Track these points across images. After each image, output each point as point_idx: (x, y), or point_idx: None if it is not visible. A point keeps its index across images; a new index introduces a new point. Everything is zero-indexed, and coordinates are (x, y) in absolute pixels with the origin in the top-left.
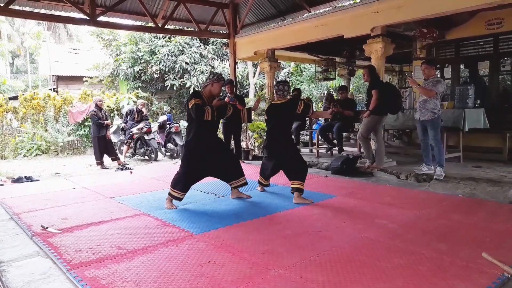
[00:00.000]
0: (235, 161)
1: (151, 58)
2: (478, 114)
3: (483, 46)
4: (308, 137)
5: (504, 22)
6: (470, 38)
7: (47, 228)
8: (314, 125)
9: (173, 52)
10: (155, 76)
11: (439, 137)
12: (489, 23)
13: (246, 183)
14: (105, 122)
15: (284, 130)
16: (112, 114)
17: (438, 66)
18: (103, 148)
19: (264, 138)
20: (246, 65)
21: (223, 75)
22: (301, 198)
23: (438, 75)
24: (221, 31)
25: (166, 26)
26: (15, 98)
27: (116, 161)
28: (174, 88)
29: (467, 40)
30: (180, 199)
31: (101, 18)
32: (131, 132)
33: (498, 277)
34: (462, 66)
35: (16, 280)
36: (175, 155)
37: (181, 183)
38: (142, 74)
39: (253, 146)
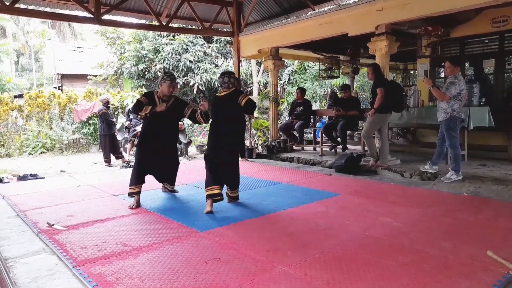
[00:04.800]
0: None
1: (155, 56)
2: (483, 113)
3: (489, 44)
4: (312, 135)
5: (510, 19)
6: (475, 36)
7: (53, 225)
8: (318, 123)
9: (177, 50)
10: (159, 74)
11: (454, 141)
12: (494, 20)
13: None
14: (114, 120)
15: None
16: (116, 112)
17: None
18: (112, 146)
19: (268, 136)
20: (250, 63)
21: (172, 75)
22: None
23: (459, 74)
24: (225, 29)
25: (170, 25)
26: (20, 96)
27: (120, 159)
28: (178, 86)
29: (472, 38)
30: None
31: (106, 17)
32: (135, 130)
33: (503, 276)
34: (467, 64)
35: (23, 277)
36: (179, 153)
37: None
38: (146, 72)
39: (257, 144)
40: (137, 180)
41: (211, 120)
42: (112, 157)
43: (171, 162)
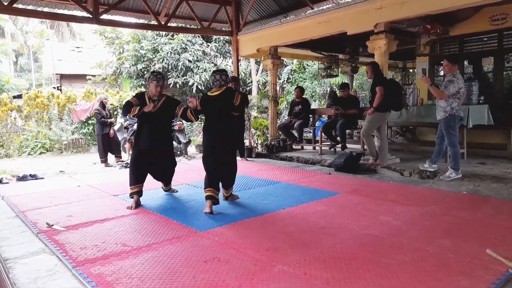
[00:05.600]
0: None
1: (154, 56)
2: (482, 111)
3: (487, 42)
4: (311, 134)
5: (509, 17)
6: (474, 34)
7: (52, 225)
8: (317, 122)
9: (175, 50)
10: None
11: (453, 139)
12: (493, 18)
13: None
14: (109, 120)
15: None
16: (115, 112)
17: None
18: (107, 146)
19: (267, 135)
20: (249, 62)
21: (159, 74)
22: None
23: (458, 72)
24: (223, 29)
25: (168, 24)
26: (19, 96)
27: (116, 158)
28: (177, 86)
29: (471, 36)
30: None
31: (104, 16)
32: (134, 130)
33: (503, 274)
34: (466, 62)
35: (23, 277)
36: (178, 152)
37: None
38: (145, 72)
39: (256, 144)
40: (135, 180)
41: (205, 120)
42: (113, 156)
43: (166, 161)
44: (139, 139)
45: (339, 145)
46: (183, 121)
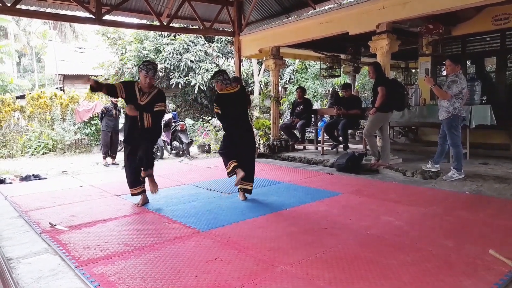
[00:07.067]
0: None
1: (156, 56)
2: (485, 111)
3: (490, 42)
4: (314, 134)
5: None
6: (476, 34)
7: (55, 225)
8: (319, 123)
9: (178, 50)
10: (160, 74)
11: (456, 140)
12: (496, 18)
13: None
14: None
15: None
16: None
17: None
18: (108, 143)
19: (269, 135)
20: (251, 62)
21: (150, 64)
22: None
23: (460, 72)
24: (225, 29)
25: (171, 24)
26: (22, 97)
27: (111, 158)
28: (179, 86)
29: (473, 36)
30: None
31: (107, 17)
32: None
33: (506, 274)
34: (468, 62)
35: (26, 277)
36: (180, 153)
37: None
38: None
39: (258, 144)
40: (131, 183)
41: (224, 118)
42: (118, 155)
43: (147, 145)
44: (129, 137)
45: (341, 145)
46: (185, 122)
